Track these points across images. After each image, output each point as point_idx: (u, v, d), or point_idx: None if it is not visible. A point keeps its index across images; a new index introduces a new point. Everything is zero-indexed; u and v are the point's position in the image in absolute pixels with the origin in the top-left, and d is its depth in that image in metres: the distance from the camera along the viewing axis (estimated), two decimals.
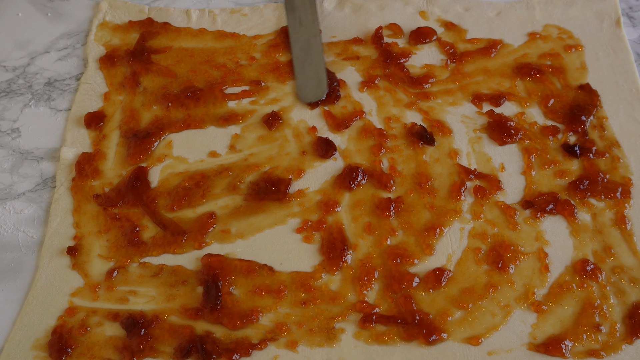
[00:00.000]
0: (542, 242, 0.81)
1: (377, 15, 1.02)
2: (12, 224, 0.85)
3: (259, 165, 0.88)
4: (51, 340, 0.76)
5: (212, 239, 0.83)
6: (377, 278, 0.79)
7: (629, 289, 0.77)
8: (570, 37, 0.98)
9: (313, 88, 0.94)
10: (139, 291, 0.80)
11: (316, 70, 0.95)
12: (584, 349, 0.74)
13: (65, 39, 1.03)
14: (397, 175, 0.87)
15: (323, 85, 0.93)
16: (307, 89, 0.94)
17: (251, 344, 0.75)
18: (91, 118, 0.93)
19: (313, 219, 0.84)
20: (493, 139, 0.90)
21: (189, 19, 1.03)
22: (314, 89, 0.93)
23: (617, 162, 0.86)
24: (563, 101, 0.92)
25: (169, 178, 0.88)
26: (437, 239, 0.82)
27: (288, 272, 0.80)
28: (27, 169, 0.90)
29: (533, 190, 0.85)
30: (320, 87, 0.93)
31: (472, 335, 0.75)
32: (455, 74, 0.96)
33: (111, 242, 0.83)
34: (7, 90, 0.98)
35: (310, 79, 0.94)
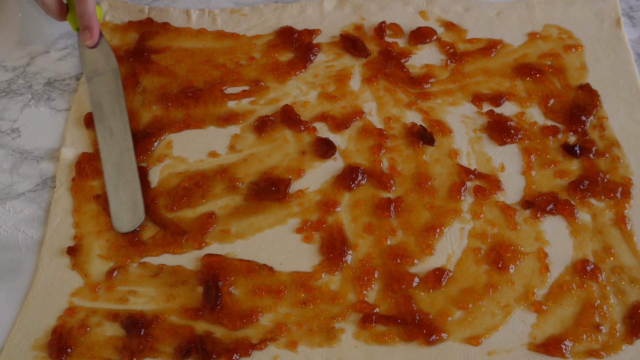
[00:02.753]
0: (542, 242, 0.81)
1: (377, 15, 1.02)
2: (12, 224, 0.85)
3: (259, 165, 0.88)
4: (51, 340, 0.76)
5: (212, 239, 0.83)
6: (377, 278, 0.79)
7: (629, 289, 0.77)
8: (570, 37, 0.98)
9: (129, 215, 0.83)
10: (139, 291, 0.80)
11: (131, 194, 0.84)
12: (584, 349, 0.74)
13: (65, 39, 1.03)
14: (397, 175, 0.87)
15: (139, 212, 0.83)
16: (122, 217, 0.83)
17: (251, 344, 0.75)
18: (91, 118, 0.93)
19: (313, 219, 0.84)
20: (493, 139, 0.90)
21: (189, 19, 1.03)
22: (130, 216, 0.83)
23: (617, 162, 0.86)
24: (563, 101, 0.92)
25: (168, 178, 0.88)
26: (437, 239, 0.82)
27: (288, 272, 0.80)
28: (27, 169, 0.90)
29: (533, 190, 0.85)
30: (136, 213, 0.83)
31: (472, 335, 0.75)
32: (455, 74, 0.96)
33: (111, 242, 0.83)
34: (7, 90, 0.98)
35: (125, 205, 0.83)
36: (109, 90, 0.91)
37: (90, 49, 0.93)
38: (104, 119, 0.89)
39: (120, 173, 0.85)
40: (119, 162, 0.86)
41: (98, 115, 0.90)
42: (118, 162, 0.86)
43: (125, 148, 0.87)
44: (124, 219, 0.83)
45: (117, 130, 0.88)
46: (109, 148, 0.87)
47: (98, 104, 0.91)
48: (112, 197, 0.84)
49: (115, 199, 0.84)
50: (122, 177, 0.85)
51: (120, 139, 0.88)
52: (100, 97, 0.91)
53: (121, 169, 0.86)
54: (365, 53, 0.98)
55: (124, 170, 0.86)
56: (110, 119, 0.89)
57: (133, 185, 0.85)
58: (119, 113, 0.90)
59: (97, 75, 0.92)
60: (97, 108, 0.91)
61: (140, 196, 0.84)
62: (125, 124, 0.89)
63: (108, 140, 0.88)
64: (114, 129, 0.89)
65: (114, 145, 0.87)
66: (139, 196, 0.84)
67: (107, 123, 0.89)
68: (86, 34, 0.92)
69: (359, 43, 0.98)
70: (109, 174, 0.86)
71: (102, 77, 0.92)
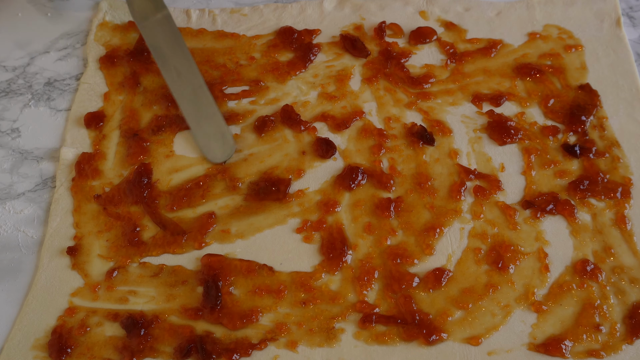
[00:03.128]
0: (542, 242, 0.81)
1: (377, 15, 1.02)
2: (12, 224, 0.85)
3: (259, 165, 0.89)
4: (51, 340, 0.76)
5: (212, 239, 0.83)
6: (377, 278, 0.79)
7: (629, 289, 0.77)
8: (570, 37, 0.98)
9: (220, 145, 0.87)
10: (139, 291, 0.80)
11: (216, 126, 0.87)
12: (584, 349, 0.74)
13: (65, 39, 1.03)
14: (397, 175, 0.87)
15: (230, 141, 0.87)
16: (214, 149, 0.87)
17: (251, 344, 0.75)
18: (91, 118, 0.93)
19: (313, 219, 0.84)
20: (493, 139, 0.90)
21: (189, 19, 1.03)
22: (222, 146, 0.87)
23: (617, 162, 0.86)
24: (563, 101, 0.92)
25: (169, 178, 0.88)
26: (437, 239, 0.82)
27: (288, 272, 0.80)
28: (27, 169, 0.90)
29: (533, 190, 0.85)
30: (227, 143, 0.87)
31: (472, 335, 0.75)
32: (455, 74, 0.96)
33: (111, 242, 0.83)
34: (7, 90, 0.98)
35: (214, 136, 0.87)
36: (165, 34, 0.92)
37: None
38: (167, 61, 0.90)
39: (200, 108, 0.87)
40: (194, 98, 0.87)
41: (160, 57, 0.90)
42: (193, 98, 0.87)
43: (197, 85, 0.89)
44: (215, 150, 0.86)
45: (184, 70, 0.89)
46: (179, 87, 0.88)
47: (157, 48, 0.91)
48: (198, 132, 0.86)
49: (201, 133, 0.86)
50: (202, 111, 0.87)
51: (190, 77, 0.89)
52: (157, 40, 0.91)
53: (199, 104, 0.87)
54: (365, 53, 0.98)
55: (202, 106, 0.87)
56: (173, 60, 0.90)
57: (216, 118, 0.87)
58: (182, 53, 0.91)
59: (146, 18, 0.92)
60: (156, 51, 0.91)
61: (226, 126, 0.87)
62: (191, 64, 0.90)
63: (177, 80, 0.89)
64: (180, 68, 0.90)
65: (184, 84, 0.88)
66: (225, 126, 0.87)
67: (171, 64, 0.90)
68: None
69: (359, 43, 0.98)
70: (188, 111, 0.87)
71: (153, 21, 0.92)
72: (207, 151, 0.87)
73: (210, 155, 0.87)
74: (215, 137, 0.87)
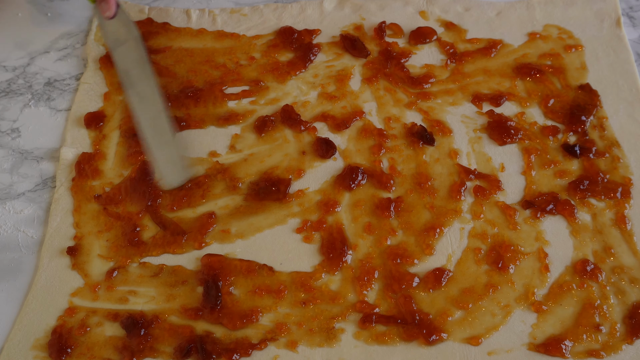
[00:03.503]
0: (542, 242, 0.81)
1: (377, 15, 1.02)
2: (12, 224, 0.85)
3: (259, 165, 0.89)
4: (51, 340, 0.76)
5: (212, 239, 0.83)
6: (377, 278, 0.79)
7: (629, 289, 0.77)
8: (570, 37, 0.98)
9: (176, 171, 0.87)
10: (139, 291, 0.80)
11: (172, 151, 0.87)
12: (584, 349, 0.74)
13: (65, 39, 1.03)
14: (397, 175, 0.87)
15: (185, 166, 0.88)
16: (170, 174, 0.87)
17: (251, 344, 0.75)
18: (91, 118, 0.93)
19: (313, 219, 0.84)
20: (493, 139, 0.90)
21: (189, 19, 1.03)
22: (178, 171, 0.87)
23: (617, 162, 0.86)
24: (563, 101, 0.92)
25: None
26: (437, 239, 0.82)
27: (288, 272, 0.80)
28: (27, 169, 0.90)
29: (533, 190, 0.85)
30: (183, 168, 0.87)
31: (472, 335, 0.75)
32: (455, 74, 0.96)
33: (111, 242, 0.83)
34: (7, 90, 0.98)
35: (171, 162, 0.87)
36: (134, 58, 0.91)
37: (109, 20, 0.93)
38: (133, 86, 0.90)
39: (159, 133, 0.87)
40: (154, 124, 0.87)
41: (127, 82, 0.90)
42: (153, 124, 0.87)
43: (157, 111, 0.88)
44: (172, 175, 0.86)
45: (147, 95, 0.89)
46: (142, 113, 0.88)
47: (125, 72, 0.91)
48: (157, 157, 0.86)
49: (160, 158, 0.86)
50: (161, 136, 0.87)
51: (152, 103, 0.89)
52: (127, 65, 0.91)
53: (158, 129, 0.87)
54: (364, 53, 0.98)
55: (161, 131, 0.87)
56: (139, 85, 0.90)
57: (173, 143, 0.87)
58: (147, 78, 0.90)
59: (120, 44, 0.92)
60: (125, 76, 0.91)
61: (183, 151, 0.88)
62: (154, 88, 0.89)
63: (140, 105, 0.89)
64: (143, 94, 0.89)
65: (147, 109, 0.88)
66: (182, 152, 0.88)
67: (136, 89, 0.90)
68: (103, 5, 0.91)
69: (358, 43, 0.98)
70: (147, 135, 0.87)
71: (125, 46, 0.92)
72: (164, 176, 0.86)
73: (168, 180, 0.86)
74: (173, 162, 0.87)
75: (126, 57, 0.90)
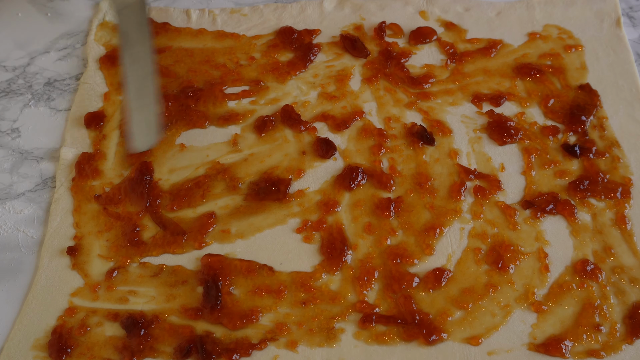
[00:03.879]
0: (542, 242, 0.81)
1: (377, 15, 1.02)
2: (12, 224, 0.85)
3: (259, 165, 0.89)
4: (51, 340, 0.76)
5: (212, 239, 0.83)
6: (377, 278, 0.79)
7: (629, 289, 0.77)
8: (570, 37, 0.98)
9: (144, 135, 0.87)
10: (139, 291, 0.80)
11: (148, 115, 0.87)
12: (584, 349, 0.74)
13: (65, 39, 1.03)
14: (397, 175, 0.87)
15: (153, 133, 0.87)
16: (139, 137, 0.87)
17: (251, 344, 0.75)
18: (91, 118, 0.93)
19: (313, 219, 0.84)
20: (493, 139, 0.90)
21: (189, 19, 1.03)
22: (145, 136, 0.87)
23: (617, 162, 0.86)
24: (563, 101, 0.92)
25: (169, 178, 0.88)
26: (437, 239, 0.82)
27: (288, 272, 0.80)
28: (27, 169, 0.90)
29: (533, 190, 0.85)
30: (150, 134, 0.87)
31: (472, 335, 0.75)
32: (455, 74, 0.96)
33: (111, 242, 0.83)
34: (7, 90, 0.98)
35: (142, 126, 0.87)
36: (136, 20, 0.93)
37: None
38: (130, 46, 0.91)
39: (141, 96, 0.88)
40: (140, 86, 0.89)
41: (124, 43, 0.92)
42: (140, 86, 0.89)
43: (146, 73, 0.89)
44: (140, 138, 0.87)
45: (141, 57, 0.91)
46: (132, 74, 0.90)
47: (125, 33, 0.92)
48: (132, 119, 0.87)
49: (135, 120, 0.87)
50: (143, 99, 0.88)
51: (143, 66, 0.90)
52: (128, 27, 0.93)
53: (142, 92, 0.88)
54: (364, 53, 0.98)
55: (145, 94, 0.88)
56: (135, 46, 0.91)
57: (151, 108, 0.88)
58: (144, 40, 0.92)
59: (125, 6, 0.94)
60: (124, 37, 0.92)
61: (156, 118, 0.87)
62: (149, 51, 0.91)
63: (132, 67, 0.90)
64: (138, 55, 0.91)
65: (137, 71, 0.90)
66: (154, 118, 0.87)
67: (132, 50, 0.91)
68: None
69: (358, 43, 0.98)
70: (132, 97, 0.88)
71: (130, 9, 0.94)
72: (133, 138, 0.87)
73: (135, 142, 0.87)
74: (144, 127, 0.88)
75: (128, 18, 0.92)
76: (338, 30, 1.01)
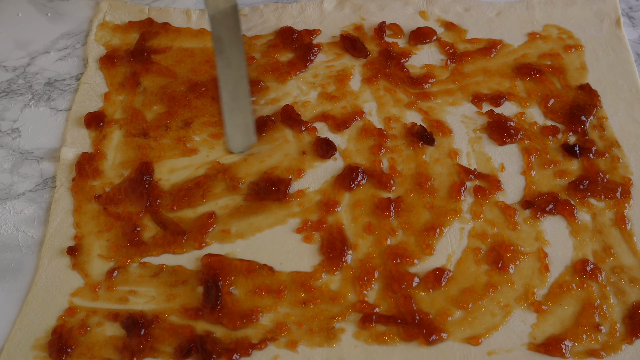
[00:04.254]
0: (542, 242, 0.81)
1: (377, 15, 1.02)
2: (12, 224, 0.86)
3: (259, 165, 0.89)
4: (51, 340, 0.76)
5: (212, 239, 0.83)
6: (377, 278, 0.79)
7: (629, 289, 0.77)
8: (570, 37, 0.99)
9: (241, 137, 0.90)
10: (139, 291, 0.80)
11: (244, 117, 0.90)
12: (584, 349, 0.74)
13: (65, 39, 1.03)
14: (397, 175, 0.87)
15: (251, 134, 0.90)
16: (236, 139, 0.90)
17: (251, 344, 0.75)
18: (91, 118, 0.93)
19: (313, 219, 0.84)
20: (493, 139, 0.90)
21: (189, 19, 1.03)
22: (242, 137, 0.90)
23: (617, 162, 0.87)
24: (563, 101, 0.92)
25: (169, 178, 0.88)
26: (437, 239, 0.82)
27: (288, 272, 0.80)
28: (27, 169, 0.90)
29: (533, 190, 0.85)
30: (248, 135, 0.90)
31: (472, 335, 0.75)
32: (455, 74, 0.96)
33: (111, 242, 0.83)
34: (7, 90, 0.98)
35: (239, 127, 0.90)
36: (229, 25, 0.94)
37: None
38: (223, 52, 0.93)
39: (236, 99, 0.91)
40: (234, 89, 0.91)
41: (218, 48, 0.94)
42: (234, 89, 0.91)
43: (240, 77, 0.92)
44: (237, 140, 0.89)
45: (235, 62, 0.93)
46: (226, 78, 0.92)
47: (218, 38, 0.94)
48: (228, 121, 0.90)
49: (231, 122, 0.90)
50: (237, 102, 0.91)
51: (237, 69, 0.92)
52: (221, 32, 0.94)
53: (237, 95, 0.91)
54: (364, 53, 0.98)
55: (239, 97, 0.91)
56: (228, 52, 0.93)
57: (246, 110, 0.90)
58: (237, 46, 0.94)
59: (217, 11, 0.95)
60: (217, 42, 0.94)
61: (252, 120, 0.90)
62: (242, 55, 0.93)
63: (226, 71, 0.92)
64: (232, 60, 0.93)
65: (231, 75, 0.92)
66: (251, 122, 0.90)
67: (225, 55, 0.93)
68: None
69: (358, 43, 0.98)
70: (226, 99, 0.91)
71: (222, 13, 0.95)
72: (230, 140, 0.90)
73: (232, 144, 0.89)
74: (241, 128, 0.90)
75: (221, 24, 0.94)
76: (338, 31, 1.01)
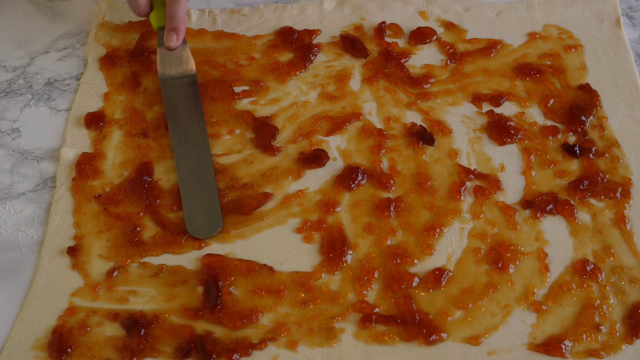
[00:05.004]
0: (542, 242, 0.81)
1: (377, 15, 1.02)
2: (12, 224, 0.86)
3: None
4: (51, 340, 0.76)
5: (212, 239, 0.83)
6: (377, 278, 0.79)
7: (629, 289, 0.77)
8: (570, 37, 0.99)
9: (206, 222, 0.82)
10: (139, 291, 0.80)
11: (207, 200, 0.83)
12: (584, 349, 0.74)
13: (65, 39, 1.03)
14: (397, 175, 0.87)
15: (217, 219, 0.82)
16: (197, 223, 0.82)
17: (251, 344, 0.75)
18: (91, 118, 0.93)
19: (313, 219, 0.84)
20: (493, 139, 0.90)
21: (189, 19, 1.03)
22: (207, 223, 0.82)
23: (617, 162, 0.87)
24: (563, 101, 0.92)
25: (169, 178, 0.88)
26: (437, 239, 0.82)
27: (288, 272, 0.80)
28: (27, 169, 0.90)
29: (533, 190, 0.85)
30: (213, 221, 0.82)
31: (472, 335, 0.75)
32: (455, 74, 0.96)
33: (111, 242, 0.83)
34: (7, 90, 0.98)
35: (202, 211, 0.83)
36: (185, 95, 0.91)
37: (169, 51, 0.92)
38: (178, 122, 0.89)
39: (197, 179, 0.85)
40: (195, 167, 0.86)
41: (172, 117, 0.89)
42: (194, 167, 0.86)
43: (202, 155, 0.87)
44: (199, 224, 0.82)
45: (194, 136, 0.88)
46: (183, 152, 0.87)
47: (172, 107, 0.90)
48: (187, 202, 0.84)
49: (190, 204, 0.84)
50: (199, 182, 0.85)
51: (197, 145, 0.87)
52: (175, 100, 0.91)
53: (198, 174, 0.85)
54: (364, 53, 0.98)
55: (201, 177, 0.85)
56: (186, 123, 0.89)
57: (210, 193, 0.84)
58: (196, 119, 0.89)
59: (171, 77, 0.92)
60: (171, 110, 0.90)
61: (218, 205, 0.83)
62: (203, 131, 0.88)
63: (183, 144, 0.87)
64: (189, 133, 0.88)
65: (189, 149, 0.87)
66: (216, 204, 0.83)
67: (182, 127, 0.89)
68: (172, 35, 0.90)
69: (358, 43, 0.98)
70: (184, 177, 0.85)
71: (178, 81, 0.92)
72: (190, 223, 0.82)
73: (192, 228, 0.82)
74: (204, 212, 0.83)
75: (175, 91, 0.90)
76: (338, 31, 1.01)
